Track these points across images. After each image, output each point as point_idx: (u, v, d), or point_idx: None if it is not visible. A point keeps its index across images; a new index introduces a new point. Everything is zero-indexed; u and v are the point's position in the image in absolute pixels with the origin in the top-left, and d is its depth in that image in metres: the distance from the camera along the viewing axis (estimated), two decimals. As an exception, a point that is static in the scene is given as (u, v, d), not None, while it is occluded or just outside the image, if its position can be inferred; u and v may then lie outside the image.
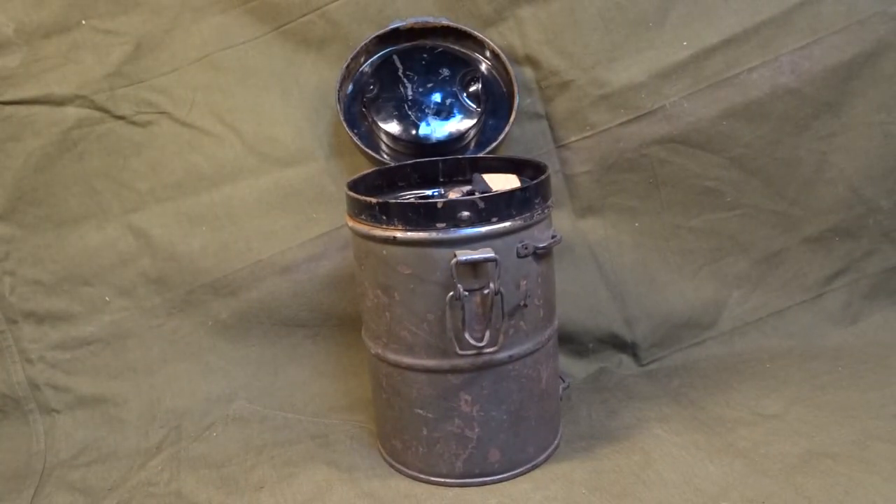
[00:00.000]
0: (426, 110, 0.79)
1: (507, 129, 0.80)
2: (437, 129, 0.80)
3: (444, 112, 0.80)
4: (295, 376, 0.86)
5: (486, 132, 0.81)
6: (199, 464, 0.75)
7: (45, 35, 0.80)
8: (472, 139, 0.81)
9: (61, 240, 0.84)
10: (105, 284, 0.85)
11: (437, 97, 0.80)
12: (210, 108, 0.83)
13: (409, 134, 0.79)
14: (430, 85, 0.80)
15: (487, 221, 0.60)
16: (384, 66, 0.80)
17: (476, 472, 0.67)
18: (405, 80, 0.80)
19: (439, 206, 0.60)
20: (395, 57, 0.80)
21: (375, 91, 0.80)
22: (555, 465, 0.69)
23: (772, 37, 0.81)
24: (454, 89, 0.80)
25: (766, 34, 0.81)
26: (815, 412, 0.72)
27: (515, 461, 0.68)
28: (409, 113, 0.79)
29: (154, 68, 0.82)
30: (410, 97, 0.80)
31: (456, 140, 0.79)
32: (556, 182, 0.84)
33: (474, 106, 0.79)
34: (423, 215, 0.60)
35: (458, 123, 0.80)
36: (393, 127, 0.79)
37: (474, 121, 0.79)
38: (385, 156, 0.80)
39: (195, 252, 0.84)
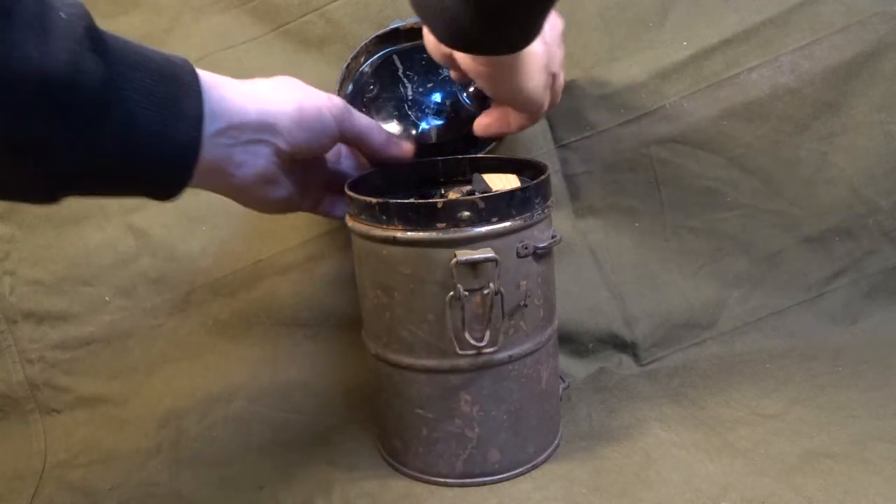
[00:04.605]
0: (426, 110, 0.79)
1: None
2: (436, 132, 0.80)
3: (444, 112, 0.80)
4: (295, 376, 0.86)
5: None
6: (199, 464, 0.75)
7: (45, 35, 0.80)
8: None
9: (61, 240, 0.84)
10: (105, 284, 0.85)
11: (437, 97, 0.80)
12: (210, 108, 0.83)
13: (410, 134, 0.79)
14: (429, 85, 0.80)
15: (487, 221, 0.60)
16: (384, 65, 0.80)
17: (476, 472, 0.67)
18: (405, 81, 0.80)
19: (439, 206, 0.60)
20: (394, 57, 0.80)
21: (375, 91, 0.80)
22: (555, 465, 0.69)
23: (772, 37, 0.81)
24: (454, 89, 0.79)
25: (766, 34, 0.81)
26: (815, 412, 0.72)
27: (515, 461, 0.68)
28: (410, 113, 0.79)
29: (154, 68, 0.82)
30: (410, 97, 0.80)
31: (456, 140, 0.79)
32: (556, 182, 0.84)
33: (474, 106, 0.79)
34: (424, 215, 0.60)
35: (461, 129, 0.79)
36: (393, 127, 0.79)
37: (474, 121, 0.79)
38: (385, 156, 0.80)
39: (195, 252, 0.84)
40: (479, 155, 0.79)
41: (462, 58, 0.60)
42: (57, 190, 0.49)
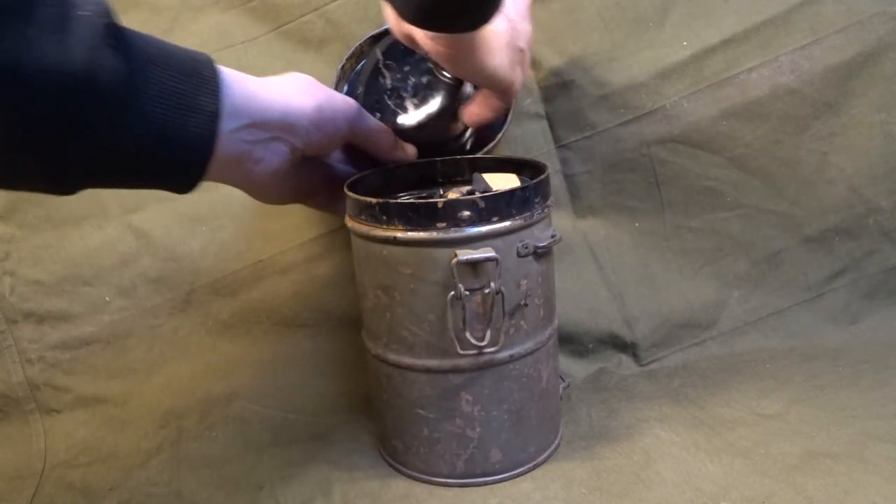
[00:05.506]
0: (404, 95, 0.78)
1: (504, 128, 0.79)
2: (415, 113, 0.78)
3: (421, 93, 0.78)
4: (295, 376, 0.86)
5: (483, 132, 0.81)
6: (199, 464, 0.75)
7: (45, 35, 0.80)
8: (467, 136, 0.80)
9: (61, 240, 0.84)
10: (105, 284, 0.85)
11: (412, 80, 0.78)
12: (210, 108, 0.83)
13: (391, 123, 0.77)
14: (406, 69, 0.78)
15: (488, 221, 0.60)
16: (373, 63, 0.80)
17: (477, 472, 0.67)
18: (385, 71, 0.79)
19: (440, 205, 0.60)
20: (377, 50, 0.79)
21: (362, 91, 0.79)
22: (555, 465, 0.69)
23: (772, 37, 0.81)
24: (429, 66, 0.76)
25: (766, 34, 0.81)
26: (815, 412, 0.72)
27: (516, 461, 0.68)
28: (389, 103, 0.78)
29: (154, 68, 0.82)
30: (389, 86, 0.78)
31: (438, 123, 0.78)
32: (556, 182, 0.84)
33: (450, 76, 0.74)
34: (424, 215, 0.60)
35: (439, 103, 0.78)
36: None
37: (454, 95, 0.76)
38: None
39: (195, 252, 0.84)
40: (478, 155, 0.79)
41: (422, 37, 0.60)
42: (75, 181, 0.50)
